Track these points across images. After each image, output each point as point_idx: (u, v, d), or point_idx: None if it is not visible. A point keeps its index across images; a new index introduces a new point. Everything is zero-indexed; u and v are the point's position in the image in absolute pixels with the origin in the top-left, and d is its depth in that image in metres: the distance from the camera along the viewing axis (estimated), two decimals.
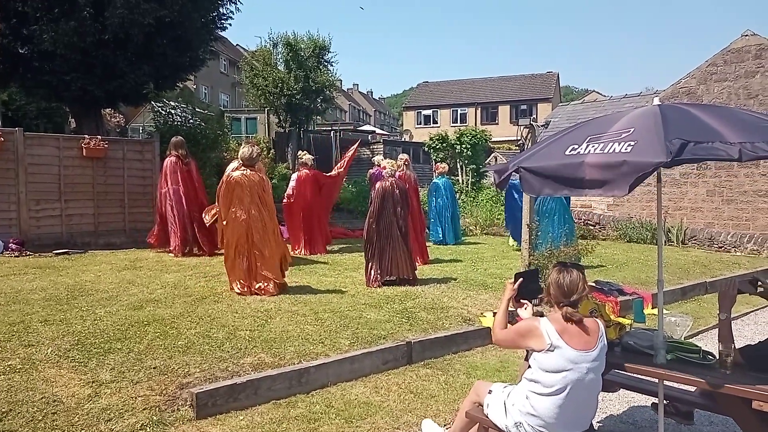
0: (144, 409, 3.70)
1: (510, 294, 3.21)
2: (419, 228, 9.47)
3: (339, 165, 10.78)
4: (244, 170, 6.35)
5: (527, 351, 3.02)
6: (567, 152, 2.79)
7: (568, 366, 2.78)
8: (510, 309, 3.23)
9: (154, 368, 4.16)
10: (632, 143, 2.58)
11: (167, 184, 8.97)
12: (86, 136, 10.11)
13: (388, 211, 7.16)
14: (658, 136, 2.56)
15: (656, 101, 3.03)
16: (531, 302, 3.28)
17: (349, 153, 10.94)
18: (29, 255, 8.60)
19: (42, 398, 3.68)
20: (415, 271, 7.39)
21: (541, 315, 3.10)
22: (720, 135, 2.53)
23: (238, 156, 6.50)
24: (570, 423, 2.85)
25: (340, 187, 11.48)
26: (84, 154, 9.86)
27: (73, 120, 15.35)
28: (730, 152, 2.46)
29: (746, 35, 12.84)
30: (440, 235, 11.78)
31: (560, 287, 2.90)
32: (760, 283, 3.35)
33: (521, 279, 3.27)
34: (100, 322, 5.05)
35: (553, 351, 2.80)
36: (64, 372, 4.05)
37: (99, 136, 10.31)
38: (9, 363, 4.12)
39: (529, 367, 2.92)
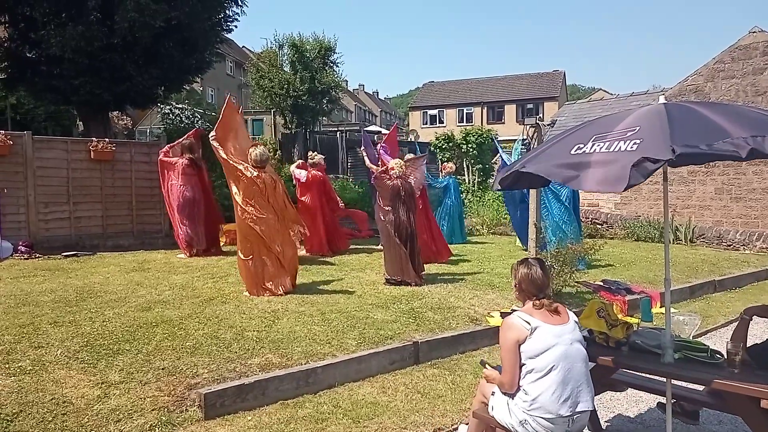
0: (153, 410, 3.72)
1: (495, 375, 3.19)
2: (432, 227, 9.50)
3: (343, 208, 10.73)
4: (255, 172, 6.37)
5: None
6: (573, 152, 2.79)
7: (554, 341, 2.88)
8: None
9: (162, 369, 4.19)
10: (637, 141, 2.59)
11: (177, 181, 9.00)
12: (94, 138, 10.17)
13: (394, 211, 7.15)
14: (663, 135, 2.56)
15: (662, 99, 3.02)
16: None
17: (361, 232, 11.25)
18: (38, 257, 8.67)
19: (52, 399, 3.71)
20: (422, 273, 7.36)
21: None
22: (726, 133, 2.52)
23: (249, 158, 6.52)
24: (571, 401, 2.87)
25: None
26: (92, 156, 9.91)
27: (81, 123, 15.45)
28: (738, 150, 2.46)
29: (754, 32, 12.74)
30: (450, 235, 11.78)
31: (533, 282, 3.05)
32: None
33: (485, 363, 3.37)
34: (109, 324, 5.09)
35: (535, 332, 2.89)
36: (74, 373, 4.08)
37: (107, 139, 10.36)
38: (19, 365, 4.16)
39: (522, 365, 2.94)
